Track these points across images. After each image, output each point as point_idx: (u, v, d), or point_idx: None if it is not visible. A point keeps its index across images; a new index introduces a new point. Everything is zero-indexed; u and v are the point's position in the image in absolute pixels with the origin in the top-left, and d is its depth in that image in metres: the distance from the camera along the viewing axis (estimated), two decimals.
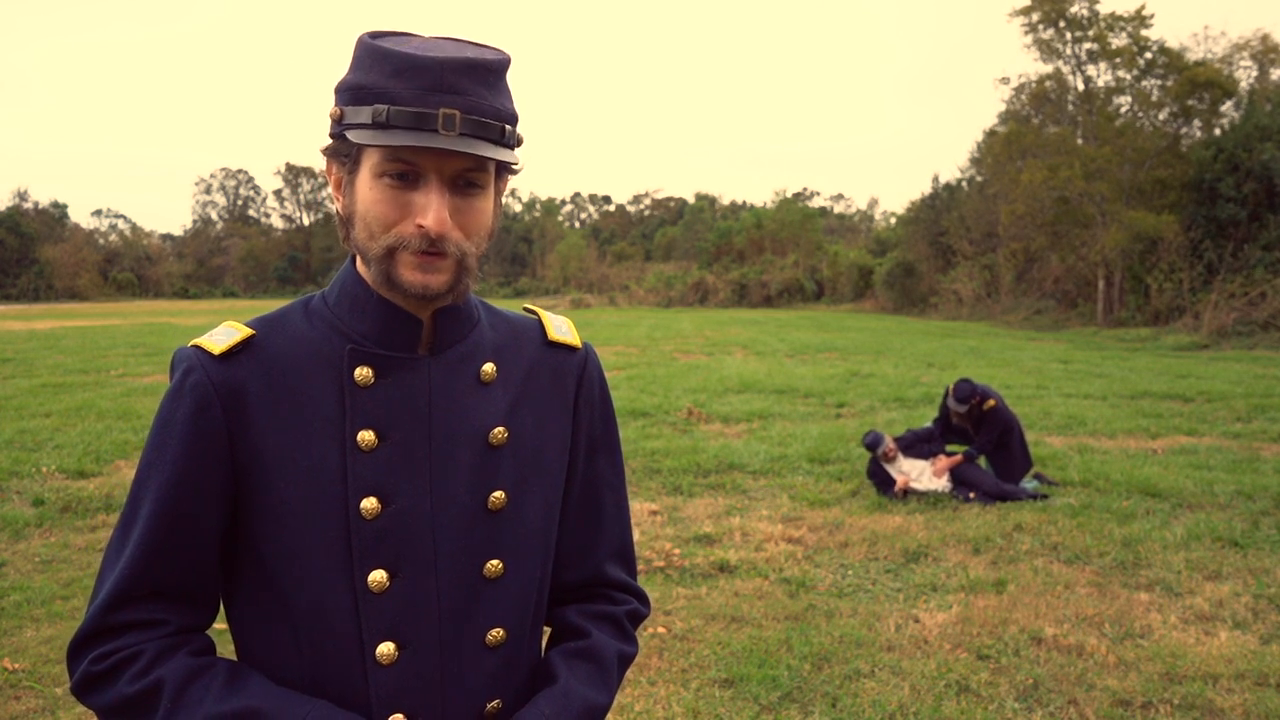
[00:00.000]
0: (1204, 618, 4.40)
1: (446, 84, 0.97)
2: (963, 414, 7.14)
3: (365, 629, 1.04)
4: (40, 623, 4.27)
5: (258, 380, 1.05)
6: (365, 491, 1.04)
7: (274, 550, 1.05)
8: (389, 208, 1.00)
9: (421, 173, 0.99)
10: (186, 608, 1.06)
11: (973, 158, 41.26)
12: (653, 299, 52.65)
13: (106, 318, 34.29)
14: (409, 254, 1.01)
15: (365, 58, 1.00)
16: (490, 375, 1.12)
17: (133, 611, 1.02)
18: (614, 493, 1.26)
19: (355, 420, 1.05)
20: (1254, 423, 9.90)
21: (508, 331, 1.19)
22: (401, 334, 1.07)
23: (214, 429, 1.03)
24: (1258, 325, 22.43)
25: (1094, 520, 6.05)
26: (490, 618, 1.10)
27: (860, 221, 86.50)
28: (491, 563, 1.09)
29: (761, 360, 17.12)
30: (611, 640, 1.20)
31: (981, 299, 36.43)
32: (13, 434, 8.73)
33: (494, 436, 1.10)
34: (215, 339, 1.07)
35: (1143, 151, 29.50)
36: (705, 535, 5.74)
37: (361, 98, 0.98)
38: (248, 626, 1.09)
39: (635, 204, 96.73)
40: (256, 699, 1.00)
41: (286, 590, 1.05)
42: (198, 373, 1.04)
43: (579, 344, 1.23)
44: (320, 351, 1.07)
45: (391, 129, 0.96)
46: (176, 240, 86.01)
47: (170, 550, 1.03)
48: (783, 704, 3.52)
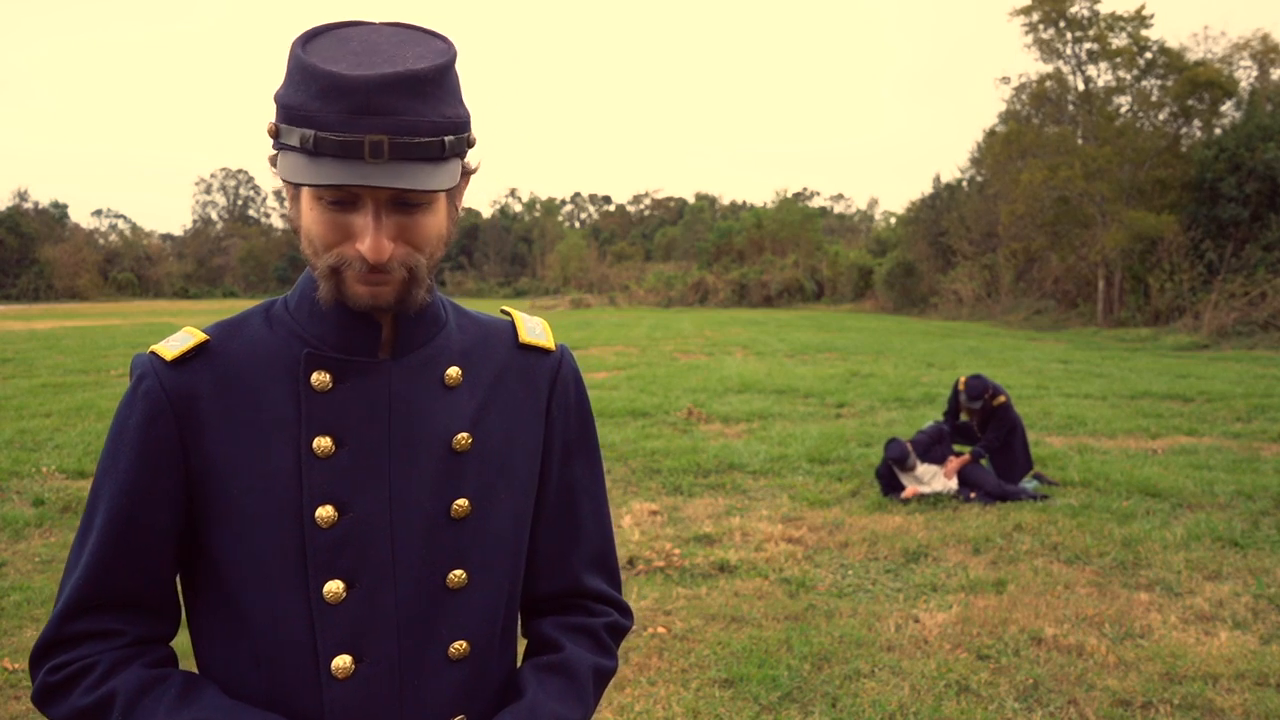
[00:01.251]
0: (1204, 618, 4.39)
1: (374, 105, 0.90)
2: (975, 410, 7.16)
3: (321, 641, 1.00)
4: (40, 623, 4.27)
5: (211, 386, 1.02)
6: (321, 499, 1.01)
7: (229, 560, 1.02)
8: (330, 230, 0.97)
9: (358, 197, 0.95)
10: (143, 617, 1.04)
11: (973, 158, 41.27)
12: (653, 299, 52.65)
13: (106, 318, 34.30)
14: (353, 272, 0.98)
15: (295, 72, 0.94)
16: (455, 379, 1.08)
17: (89, 621, 1.01)
18: (592, 499, 1.21)
19: (311, 426, 1.01)
20: (1254, 423, 9.90)
21: (477, 334, 1.14)
22: (360, 338, 1.04)
23: (166, 436, 1.01)
24: (1258, 325, 22.42)
25: (1094, 520, 6.05)
26: (453, 630, 1.06)
27: (860, 221, 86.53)
28: (455, 573, 1.05)
29: (761, 360, 17.12)
30: (587, 654, 1.16)
31: (981, 299, 36.43)
32: (13, 434, 8.73)
33: (458, 442, 1.06)
34: (170, 345, 1.04)
35: (1143, 151, 29.50)
36: (705, 535, 5.74)
37: (291, 118, 0.93)
38: (206, 639, 1.07)
39: (635, 204, 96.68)
40: (207, 712, 0.97)
41: (242, 601, 1.02)
42: (150, 379, 1.02)
43: (553, 346, 1.18)
44: (278, 356, 1.04)
45: (319, 157, 0.91)
46: (176, 240, 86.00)
47: (124, 559, 1.01)
48: (783, 704, 3.52)
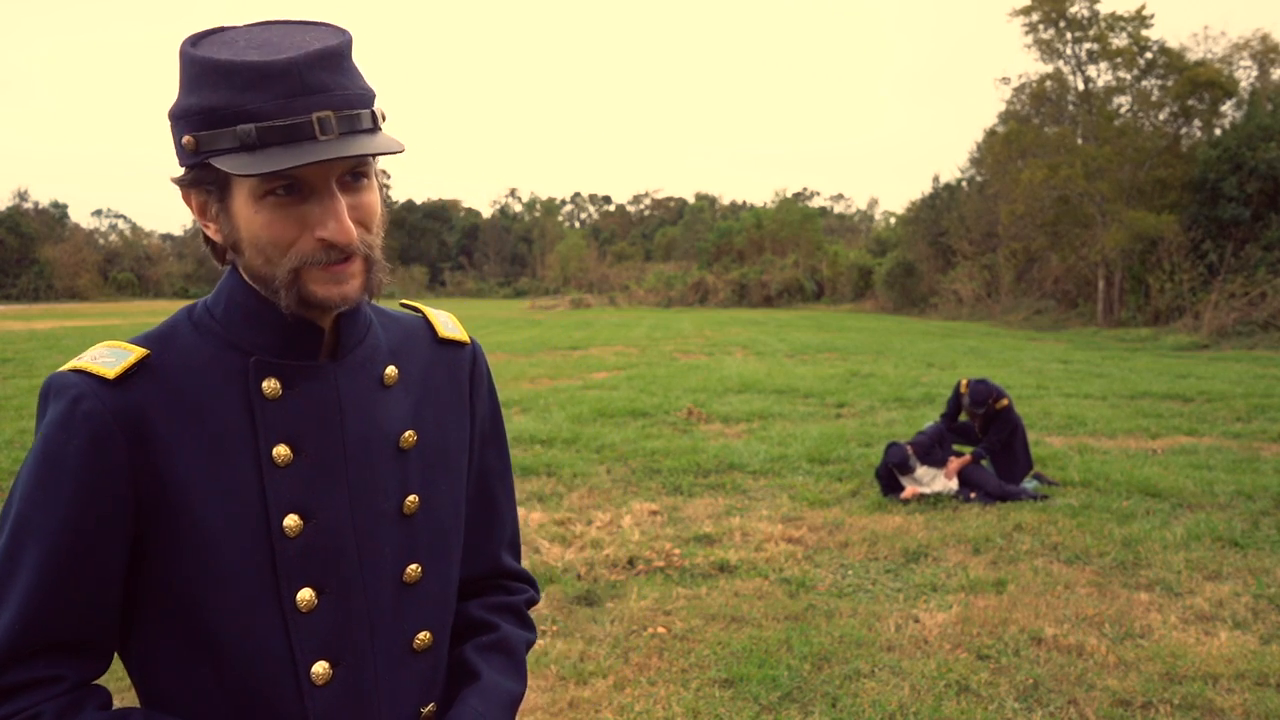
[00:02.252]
0: (1204, 618, 4.39)
1: (310, 84, 0.89)
2: (977, 415, 7.13)
3: (297, 650, 1.00)
4: None
5: (158, 404, 0.96)
6: (286, 508, 0.99)
7: (190, 582, 0.97)
8: (283, 227, 0.93)
9: (307, 183, 0.92)
10: (83, 660, 0.98)
11: (973, 158, 41.28)
12: (653, 299, 52.66)
13: (106, 318, 34.30)
14: (317, 269, 0.95)
15: (205, 75, 0.90)
16: (393, 378, 1.09)
17: (25, 670, 0.93)
18: (504, 483, 1.26)
19: (268, 435, 0.99)
20: (1254, 423, 9.89)
21: (399, 332, 1.15)
22: (304, 343, 1.02)
23: (114, 463, 0.94)
24: (1258, 325, 22.42)
25: (1094, 520, 6.05)
26: (416, 623, 1.09)
27: (860, 221, 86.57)
28: (411, 567, 1.08)
29: (761, 360, 17.12)
30: (518, 630, 1.23)
31: (981, 299, 36.44)
32: (13, 434, 8.73)
33: (404, 440, 1.08)
34: (103, 362, 0.96)
35: (1143, 151, 29.51)
36: (705, 535, 5.74)
37: (219, 120, 0.89)
38: (158, 670, 1.01)
39: (635, 204, 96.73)
40: None
41: (207, 624, 0.98)
42: (90, 400, 0.94)
43: (467, 339, 1.21)
44: (219, 367, 1.00)
45: (266, 148, 0.88)
46: (176, 240, 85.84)
47: (65, 600, 0.94)
48: (783, 704, 3.52)
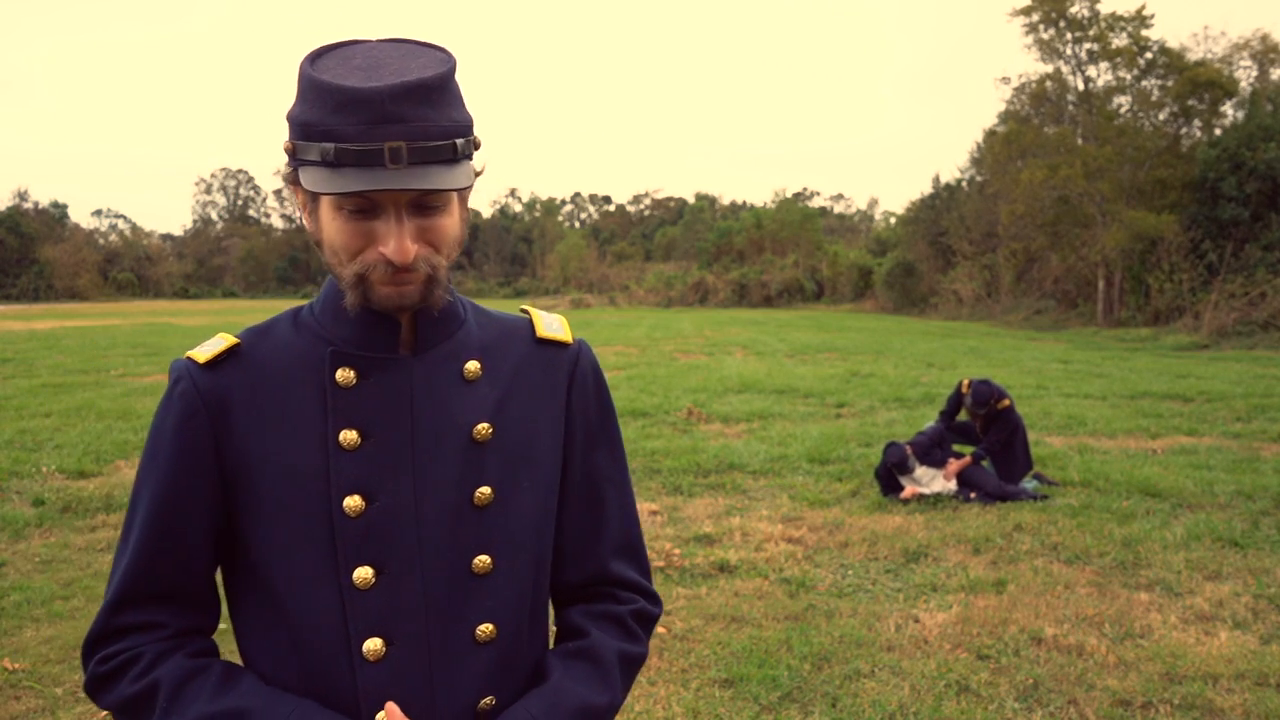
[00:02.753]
0: (1204, 618, 4.39)
1: (389, 114, 0.96)
2: (979, 415, 7.12)
3: (352, 626, 1.05)
4: (40, 623, 4.27)
5: (242, 387, 1.08)
6: (348, 490, 1.05)
7: (264, 552, 1.07)
8: (353, 238, 1.01)
9: (378, 204, 1.00)
10: (184, 610, 1.10)
11: (973, 158, 41.27)
12: (653, 299, 52.65)
13: (106, 318, 34.29)
14: (378, 274, 1.02)
15: (308, 90, 0.99)
16: (474, 372, 1.12)
17: (133, 614, 1.07)
18: (616, 488, 1.24)
19: (337, 420, 1.06)
20: (1254, 423, 9.89)
21: (496, 331, 1.19)
22: (380, 336, 1.09)
23: (200, 435, 1.06)
24: (1258, 325, 22.42)
25: (1094, 520, 6.05)
26: (479, 613, 1.10)
27: (860, 221, 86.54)
28: (480, 558, 1.10)
29: (761, 360, 17.12)
30: (612, 639, 1.18)
31: (981, 299, 36.43)
32: (13, 434, 8.73)
33: (478, 432, 1.10)
34: (203, 349, 1.10)
35: (1143, 151, 29.50)
36: (705, 535, 5.74)
37: (308, 134, 0.98)
38: (246, 629, 1.12)
39: (635, 204, 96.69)
40: (245, 699, 1.03)
41: (277, 590, 1.07)
42: (185, 381, 1.08)
43: (570, 339, 1.22)
44: (304, 357, 1.10)
45: (340, 168, 0.96)
46: (176, 240, 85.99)
47: (164, 554, 1.07)
48: (783, 704, 3.52)
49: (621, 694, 1.16)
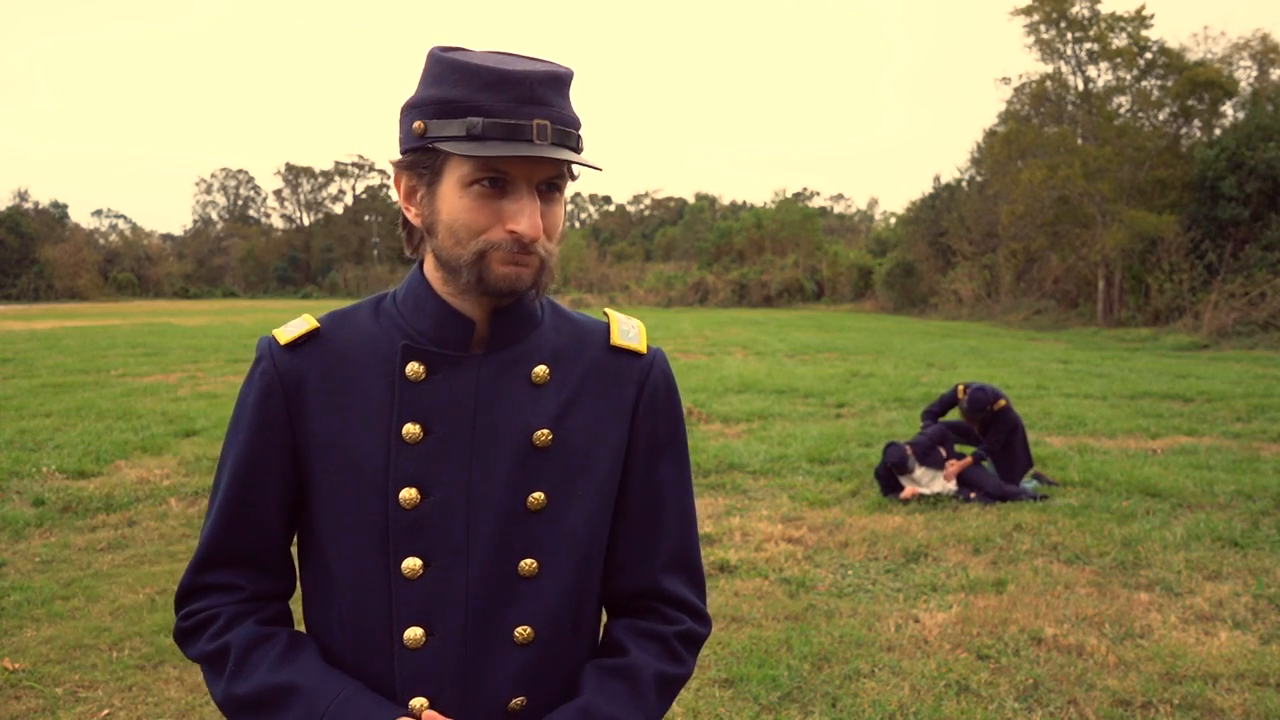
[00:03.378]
0: (1204, 618, 4.39)
1: (536, 96, 1.02)
2: (976, 420, 7.11)
3: (396, 613, 1.08)
4: (40, 623, 4.27)
5: (317, 370, 1.12)
6: (405, 482, 1.08)
7: (324, 530, 1.12)
8: (481, 214, 1.04)
9: (511, 180, 1.04)
10: (259, 574, 1.16)
11: (973, 158, 41.26)
12: (653, 299, 52.66)
13: (106, 318, 34.30)
14: (500, 254, 1.05)
15: (448, 73, 1.03)
16: (542, 377, 1.13)
17: (214, 575, 1.14)
18: (676, 501, 1.23)
19: (402, 413, 1.09)
20: (1254, 423, 9.89)
21: (571, 334, 1.20)
22: (455, 333, 1.11)
23: (276, 412, 1.12)
24: (1258, 325, 22.42)
25: (1094, 520, 6.05)
26: (520, 615, 1.11)
27: (860, 221, 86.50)
28: (526, 561, 1.11)
29: (761, 360, 17.12)
30: (652, 660, 1.17)
31: (981, 299, 36.43)
32: (13, 434, 8.73)
33: (538, 438, 1.11)
34: (287, 330, 1.15)
35: (1143, 151, 29.50)
36: (705, 535, 5.74)
37: (452, 111, 1.02)
38: (308, 599, 1.18)
39: (635, 204, 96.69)
40: (300, 675, 1.07)
41: (333, 569, 1.12)
42: (266, 360, 1.13)
43: (644, 349, 1.22)
44: (379, 347, 1.13)
45: (488, 140, 1.00)
46: (176, 240, 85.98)
47: (241, 521, 1.14)
48: (783, 704, 3.52)
49: (657, 714, 1.15)
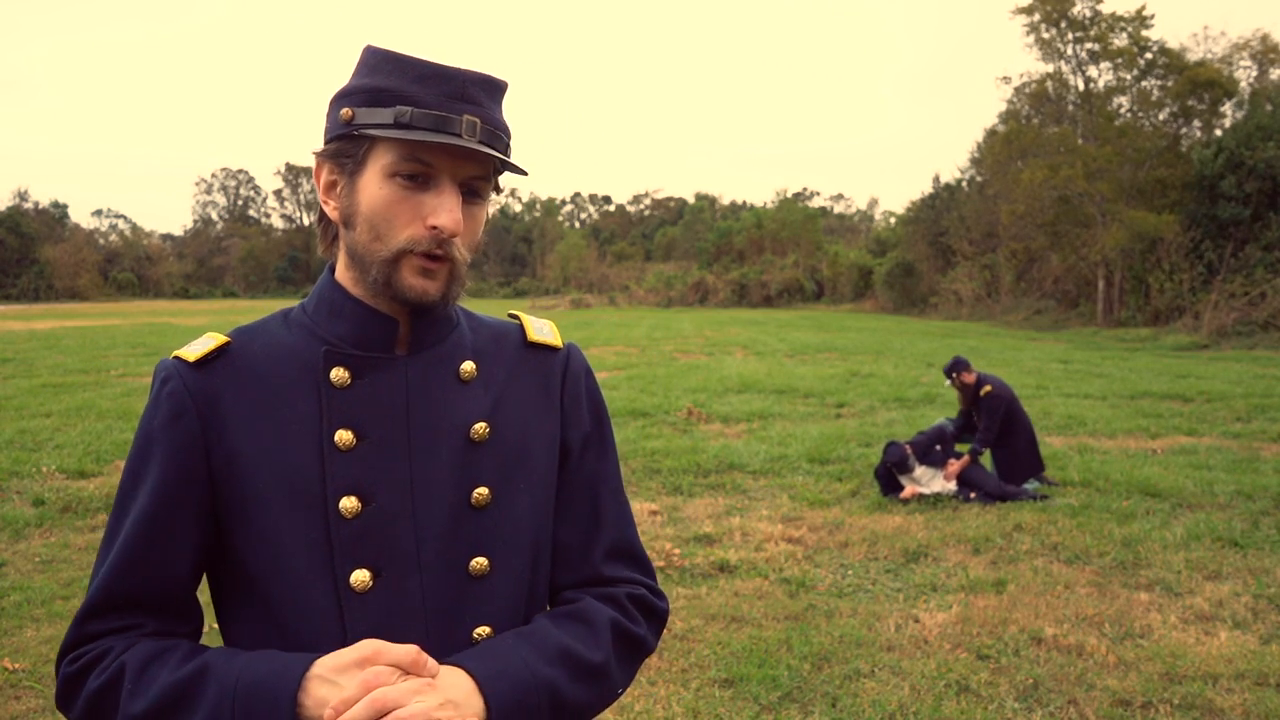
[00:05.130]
0: (1204, 618, 4.39)
1: (468, 94, 1.01)
2: (967, 399, 7.23)
3: (349, 629, 1.03)
4: (40, 623, 4.27)
5: (233, 386, 1.05)
6: (344, 491, 1.03)
7: (257, 557, 1.03)
8: (401, 208, 1.01)
9: (434, 175, 1.02)
10: (165, 617, 1.05)
11: (973, 158, 41.28)
12: (653, 299, 52.64)
13: (106, 318, 34.30)
14: (415, 258, 1.02)
15: (382, 64, 1.02)
16: (470, 373, 1.12)
17: (109, 620, 1.03)
18: (610, 491, 1.22)
19: (332, 420, 1.04)
20: (1254, 423, 9.89)
21: (488, 335, 1.19)
22: (378, 335, 1.08)
23: (190, 435, 1.03)
24: (1258, 325, 22.43)
25: (1094, 520, 6.05)
26: (477, 616, 1.08)
27: (860, 221, 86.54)
28: (477, 560, 1.07)
29: (761, 360, 17.12)
30: (605, 608, 1.13)
31: (981, 299, 36.43)
32: (13, 434, 8.73)
33: (475, 432, 1.09)
34: (192, 348, 1.07)
35: (1143, 151, 29.52)
36: (705, 535, 5.74)
37: (381, 99, 1.00)
38: (237, 641, 1.08)
39: (635, 204, 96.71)
40: (209, 657, 0.99)
41: (271, 597, 1.03)
42: (174, 381, 1.05)
43: (560, 344, 1.22)
44: (297, 356, 1.07)
45: (415, 129, 0.98)
46: (176, 240, 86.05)
47: (147, 561, 1.03)
48: (783, 704, 3.52)
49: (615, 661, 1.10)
